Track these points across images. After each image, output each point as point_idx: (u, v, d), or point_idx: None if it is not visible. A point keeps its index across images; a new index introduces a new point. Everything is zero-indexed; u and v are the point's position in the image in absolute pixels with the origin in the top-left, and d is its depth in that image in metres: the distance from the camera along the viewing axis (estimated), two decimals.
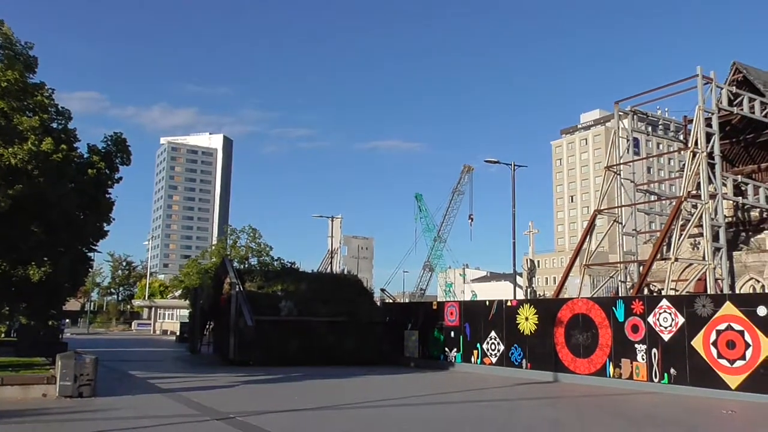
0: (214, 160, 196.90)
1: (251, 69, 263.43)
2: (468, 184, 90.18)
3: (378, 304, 31.86)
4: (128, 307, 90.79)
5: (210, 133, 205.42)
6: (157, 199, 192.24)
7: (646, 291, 33.56)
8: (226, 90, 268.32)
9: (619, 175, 39.38)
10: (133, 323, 77.70)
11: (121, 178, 18.24)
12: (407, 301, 70.83)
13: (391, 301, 40.70)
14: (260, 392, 16.98)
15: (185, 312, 50.12)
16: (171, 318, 69.49)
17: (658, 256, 33.99)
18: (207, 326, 33.69)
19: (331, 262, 51.26)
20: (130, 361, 26.52)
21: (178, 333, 48.00)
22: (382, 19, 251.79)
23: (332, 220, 57.06)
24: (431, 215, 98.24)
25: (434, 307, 26.71)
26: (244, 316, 24.10)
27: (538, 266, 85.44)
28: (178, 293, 63.26)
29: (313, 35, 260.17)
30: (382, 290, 47.48)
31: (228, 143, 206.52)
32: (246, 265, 43.86)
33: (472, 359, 23.38)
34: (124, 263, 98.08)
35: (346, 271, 40.98)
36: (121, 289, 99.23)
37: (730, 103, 37.85)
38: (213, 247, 57.17)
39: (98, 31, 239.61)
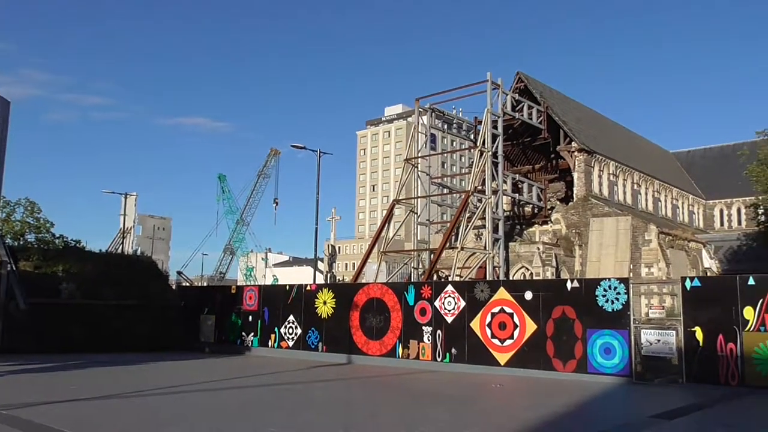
0: None
1: (37, 23, 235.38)
2: (274, 167, 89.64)
3: (173, 287, 30.61)
4: None
5: None
6: None
7: (435, 277, 36.25)
8: (4, 45, 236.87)
9: (417, 168, 42.02)
10: None
11: None
12: (206, 284, 68.74)
13: (188, 284, 39.17)
14: (33, 382, 15.44)
15: None
16: None
17: (447, 245, 36.90)
18: None
19: (122, 243, 47.92)
20: None
21: None
22: None
23: (126, 198, 53.37)
24: (235, 197, 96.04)
25: (233, 291, 26.34)
26: (16, 298, 21.74)
27: (339, 252, 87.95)
28: None
29: None
30: (179, 273, 45.34)
31: (4, 105, 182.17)
32: (21, 243, 39.56)
33: (270, 343, 23.48)
34: None
35: (139, 252, 38.64)
36: None
37: (513, 108, 42.27)
38: None
39: None
